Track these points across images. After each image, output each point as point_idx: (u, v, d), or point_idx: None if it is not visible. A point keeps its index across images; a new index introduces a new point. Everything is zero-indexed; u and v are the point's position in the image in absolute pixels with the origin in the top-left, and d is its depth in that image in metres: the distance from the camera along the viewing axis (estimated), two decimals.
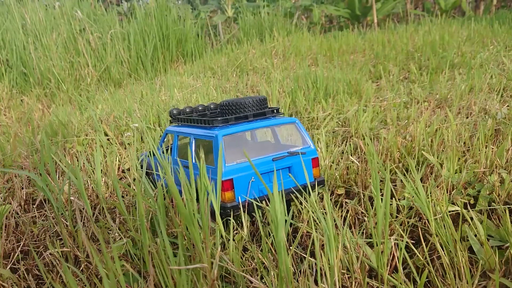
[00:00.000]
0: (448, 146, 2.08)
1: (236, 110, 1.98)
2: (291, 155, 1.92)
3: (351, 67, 5.44)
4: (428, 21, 6.52)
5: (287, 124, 2.03)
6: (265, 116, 2.02)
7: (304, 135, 2.02)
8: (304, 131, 2.02)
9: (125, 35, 8.38)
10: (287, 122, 2.02)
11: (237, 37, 8.62)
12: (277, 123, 1.99)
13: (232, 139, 2.01)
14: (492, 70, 3.74)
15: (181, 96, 4.56)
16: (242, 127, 1.91)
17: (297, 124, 2.03)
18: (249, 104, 2.01)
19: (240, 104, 2.00)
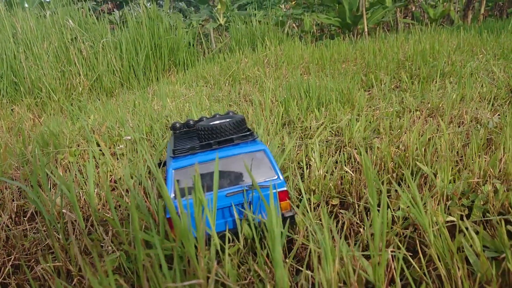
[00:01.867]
0: (441, 156, 2.09)
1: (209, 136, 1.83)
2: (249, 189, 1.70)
3: (343, 76, 5.48)
4: (418, 30, 6.61)
5: (254, 153, 1.78)
6: (232, 143, 1.83)
7: (272, 165, 1.78)
8: (272, 160, 1.79)
9: (117, 44, 8.37)
10: (254, 151, 1.78)
11: (229, 46, 8.64)
12: (241, 152, 1.77)
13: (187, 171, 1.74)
14: (483, 79, 3.79)
15: (174, 106, 4.54)
16: (196, 158, 1.72)
17: (265, 152, 1.80)
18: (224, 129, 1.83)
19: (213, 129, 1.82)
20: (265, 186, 1.71)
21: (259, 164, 1.78)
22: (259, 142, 1.85)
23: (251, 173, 1.66)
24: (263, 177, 1.76)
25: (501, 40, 5.47)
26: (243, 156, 1.77)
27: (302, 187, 2.53)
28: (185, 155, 1.78)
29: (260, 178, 1.75)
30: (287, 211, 1.77)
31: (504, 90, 3.35)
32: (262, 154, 1.79)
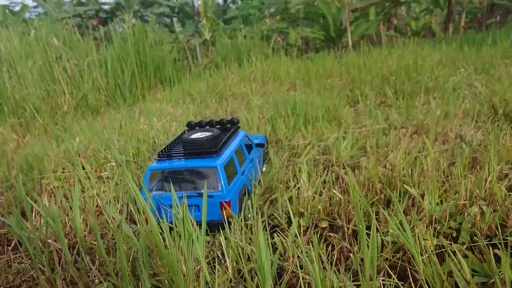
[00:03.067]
0: (428, 177, 2.11)
1: (188, 147, 2.33)
2: (200, 196, 2.21)
3: (329, 92, 5.53)
4: (401, 44, 6.73)
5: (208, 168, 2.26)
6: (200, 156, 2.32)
7: (219, 180, 2.23)
8: (220, 175, 2.23)
9: (102, 61, 8.32)
10: (209, 166, 2.25)
11: (215, 62, 8.67)
12: (200, 165, 2.26)
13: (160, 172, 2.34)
14: (466, 95, 3.86)
15: (161, 125, 4.52)
16: (169, 164, 2.30)
17: (217, 169, 2.24)
18: (200, 142, 2.32)
19: (192, 142, 2.32)
20: (210, 196, 2.19)
21: (211, 177, 2.25)
22: (218, 158, 2.30)
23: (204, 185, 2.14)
24: (211, 188, 2.23)
25: (481, 54, 5.59)
26: (202, 169, 2.26)
27: (291, 209, 2.52)
28: (164, 160, 2.36)
29: (209, 189, 2.22)
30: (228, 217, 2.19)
31: (487, 106, 3.41)
32: (214, 170, 2.24)
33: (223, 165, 2.29)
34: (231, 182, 2.33)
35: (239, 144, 2.64)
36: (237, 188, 2.38)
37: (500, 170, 2.20)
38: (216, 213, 2.22)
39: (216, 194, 2.21)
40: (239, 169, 2.50)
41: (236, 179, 2.41)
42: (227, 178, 2.29)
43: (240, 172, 2.51)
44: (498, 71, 4.72)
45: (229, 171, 2.35)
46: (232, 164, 2.44)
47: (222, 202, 2.18)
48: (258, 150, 3.01)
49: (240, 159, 2.60)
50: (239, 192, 2.38)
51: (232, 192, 2.29)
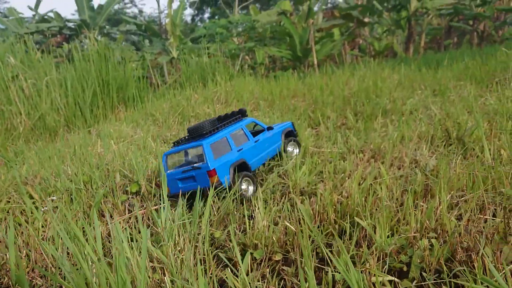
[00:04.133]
0: (381, 208, 2.08)
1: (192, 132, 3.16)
2: (194, 169, 2.96)
3: (291, 112, 5.54)
4: (362, 66, 6.86)
5: (197, 147, 3.04)
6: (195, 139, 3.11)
7: (206, 156, 2.91)
8: (207, 153, 2.91)
9: (62, 81, 8.04)
10: (197, 145, 3.00)
11: (179, 81, 8.57)
12: (193, 145, 3.04)
13: (172, 155, 3.27)
14: (422, 118, 3.92)
15: (117, 149, 4.35)
16: (176, 148, 3.17)
17: (203, 147, 2.94)
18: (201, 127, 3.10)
19: (194, 128, 3.14)
20: (198, 168, 2.93)
21: (199, 153, 3.15)
22: (207, 139, 3.00)
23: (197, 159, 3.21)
24: (201, 162, 3.02)
25: (438, 76, 5.76)
26: (194, 148, 3.12)
27: (245, 241, 2.43)
28: (175, 146, 3.24)
29: (200, 162, 3.06)
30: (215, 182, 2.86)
31: (441, 129, 3.47)
32: (201, 148, 2.96)
33: (210, 143, 2.97)
34: (221, 157, 3.00)
35: (239, 127, 3.29)
36: (229, 160, 3.01)
37: (451, 198, 2.20)
38: (205, 181, 2.90)
39: (203, 166, 2.90)
40: (234, 147, 3.14)
41: (228, 155, 3.05)
42: (217, 154, 2.99)
43: (236, 150, 3.14)
44: (454, 93, 4.86)
45: (219, 148, 3.04)
46: (224, 143, 3.10)
47: (208, 171, 2.85)
48: (274, 133, 3.54)
49: (240, 139, 3.25)
50: (230, 164, 3.00)
51: (219, 164, 2.93)
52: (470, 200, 2.11)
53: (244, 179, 3.01)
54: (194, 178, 2.96)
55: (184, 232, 2.52)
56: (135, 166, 3.40)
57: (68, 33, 18.12)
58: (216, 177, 2.84)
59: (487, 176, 2.35)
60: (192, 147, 3.06)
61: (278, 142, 3.53)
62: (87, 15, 17.17)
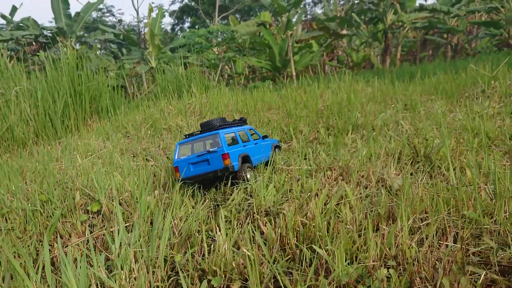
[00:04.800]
0: (342, 233, 2.01)
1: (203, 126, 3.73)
2: (209, 153, 3.39)
3: (265, 125, 5.47)
4: (337, 79, 6.86)
5: (213, 134, 3.51)
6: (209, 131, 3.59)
7: (220, 142, 3.39)
8: (222, 139, 3.39)
9: (33, 91, 7.80)
10: (214, 134, 3.50)
11: (154, 92, 8.42)
12: (209, 134, 3.54)
13: (185, 144, 3.70)
14: (392, 134, 3.90)
15: (81, 164, 4.18)
16: (190, 138, 3.66)
17: (219, 135, 3.43)
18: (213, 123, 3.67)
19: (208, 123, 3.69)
20: (214, 151, 3.36)
21: (216, 141, 3.52)
22: (221, 130, 3.51)
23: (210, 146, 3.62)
24: (216, 147, 3.45)
25: (410, 89, 5.80)
26: (211, 136, 3.55)
27: (204, 267, 2.33)
28: (188, 137, 3.72)
29: (214, 148, 3.44)
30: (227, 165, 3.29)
31: (409, 146, 3.45)
32: (218, 136, 3.46)
33: (224, 133, 3.46)
34: (232, 146, 3.46)
35: (243, 129, 3.82)
36: (237, 150, 3.46)
37: (414, 222, 2.15)
38: (220, 163, 3.31)
39: (218, 150, 3.34)
40: (240, 142, 3.62)
41: (236, 146, 3.51)
42: (228, 143, 3.46)
43: (242, 144, 3.60)
44: (424, 107, 4.88)
45: (230, 139, 3.55)
46: (234, 138, 3.61)
47: (223, 154, 3.28)
48: (268, 143, 4.03)
49: (244, 138, 3.77)
50: (238, 154, 3.44)
51: (231, 150, 3.37)
52: (432, 224, 2.06)
53: (248, 169, 3.47)
54: (208, 162, 3.38)
55: (141, 257, 2.40)
56: (96, 184, 3.26)
57: (44, 41, 17.76)
58: (229, 159, 3.28)
59: (450, 197, 2.31)
60: (206, 137, 3.55)
61: (270, 152, 3.98)
62: (64, 23, 16.86)
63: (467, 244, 1.95)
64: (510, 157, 3.16)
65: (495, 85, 5.13)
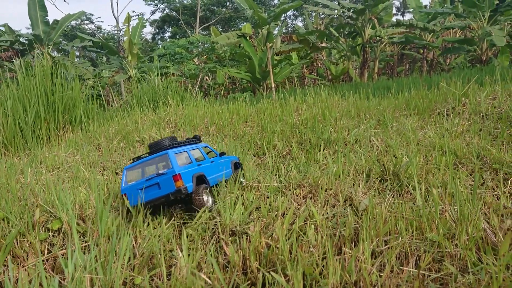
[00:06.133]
0: (301, 259, 1.96)
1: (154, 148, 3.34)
2: (158, 176, 3.07)
3: (240, 139, 5.42)
4: (313, 93, 6.89)
5: (162, 155, 3.18)
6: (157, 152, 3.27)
7: (171, 162, 3.06)
8: (172, 160, 3.07)
9: (3, 100, 7.57)
10: (161, 155, 3.18)
11: (130, 103, 8.29)
12: (157, 155, 3.21)
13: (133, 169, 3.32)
14: (363, 151, 3.90)
15: (45, 179, 4.03)
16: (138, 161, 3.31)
17: (168, 155, 3.12)
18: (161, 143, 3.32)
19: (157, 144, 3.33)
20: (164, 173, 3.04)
21: (166, 162, 3.16)
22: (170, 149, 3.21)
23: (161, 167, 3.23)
24: (166, 168, 3.12)
25: (384, 105, 5.84)
26: (159, 157, 3.20)
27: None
28: (136, 160, 3.37)
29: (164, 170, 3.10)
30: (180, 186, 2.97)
31: (378, 164, 3.45)
32: (165, 156, 3.16)
33: (175, 153, 3.18)
34: (184, 166, 3.16)
35: (196, 147, 3.54)
36: (191, 170, 3.16)
37: (377, 245, 2.12)
38: (171, 186, 2.99)
39: (168, 171, 3.04)
40: (194, 161, 3.33)
41: (189, 165, 3.21)
42: (181, 163, 3.17)
43: (195, 164, 3.31)
44: (397, 123, 4.92)
45: (182, 159, 3.26)
46: (186, 156, 3.33)
47: (173, 175, 2.98)
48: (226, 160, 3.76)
49: (198, 156, 3.49)
50: (192, 174, 3.15)
51: (183, 170, 3.07)
52: (393, 248, 2.03)
53: (204, 191, 3.13)
54: (158, 185, 3.06)
55: (97, 281, 2.30)
56: (57, 200, 3.14)
57: (20, 48, 17.38)
58: (181, 181, 2.97)
59: (414, 219, 2.30)
60: (155, 158, 3.22)
61: (229, 169, 3.70)
62: (41, 30, 16.55)
63: (428, 269, 1.93)
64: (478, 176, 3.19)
65: (466, 102, 5.22)
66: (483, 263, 1.96)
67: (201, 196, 3.03)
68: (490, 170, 3.26)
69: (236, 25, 28.14)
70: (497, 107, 4.94)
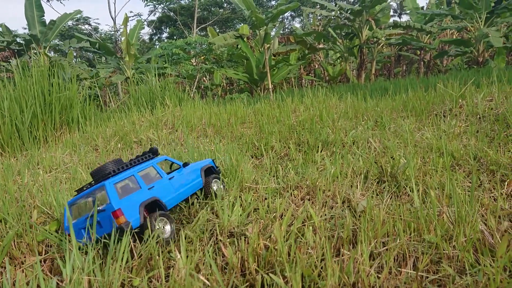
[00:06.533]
0: (300, 260, 1.96)
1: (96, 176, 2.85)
2: (98, 213, 2.63)
3: (238, 140, 5.43)
4: (311, 94, 6.90)
5: (100, 188, 2.72)
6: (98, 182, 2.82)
7: (109, 196, 2.62)
8: (110, 193, 2.63)
9: None
10: (99, 187, 2.72)
11: (127, 104, 8.28)
12: (95, 188, 2.75)
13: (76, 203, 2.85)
14: (361, 152, 3.91)
15: (43, 180, 4.02)
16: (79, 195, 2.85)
17: (105, 187, 2.66)
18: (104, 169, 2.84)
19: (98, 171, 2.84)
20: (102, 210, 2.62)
21: (104, 195, 2.68)
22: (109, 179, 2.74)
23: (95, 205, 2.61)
24: (105, 203, 2.66)
25: (381, 106, 5.86)
26: (97, 190, 2.73)
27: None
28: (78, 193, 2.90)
29: (102, 205, 2.66)
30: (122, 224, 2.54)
31: (376, 165, 3.46)
32: (104, 188, 2.69)
33: (114, 183, 2.72)
34: (128, 196, 2.73)
35: (147, 166, 3.03)
36: (137, 200, 2.74)
37: (375, 247, 2.13)
38: (111, 225, 2.57)
39: (107, 207, 2.61)
40: (143, 185, 2.87)
41: (137, 193, 2.78)
42: (123, 193, 2.73)
43: (146, 188, 2.86)
44: (395, 124, 4.93)
45: (126, 187, 2.81)
46: (132, 182, 2.86)
47: (112, 211, 2.55)
48: (191, 170, 3.32)
49: (151, 178, 2.99)
50: (140, 203, 2.73)
51: (126, 203, 2.65)
52: (391, 249, 2.04)
53: (159, 219, 2.71)
54: (99, 224, 2.64)
55: (95, 282, 2.29)
56: (54, 201, 3.13)
57: (17, 48, 17.32)
58: (123, 217, 2.55)
59: (412, 220, 2.31)
60: (95, 190, 2.74)
61: (197, 179, 3.29)
62: (38, 30, 16.50)
63: (426, 270, 1.94)
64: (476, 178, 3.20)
65: (463, 104, 5.24)
66: (480, 265, 1.97)
67: (152, 227, 2.63)
68: (487, 171, 3.28)
69: (233, 26, 28.15)
70: (494, 108, 4.96)
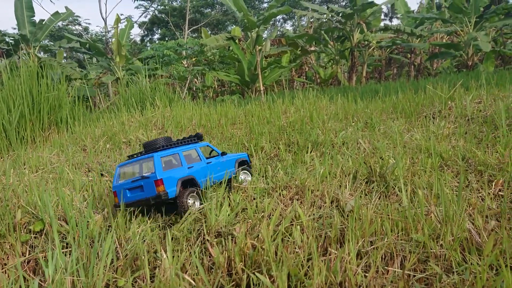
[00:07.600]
0: (286, 259, 1.94)
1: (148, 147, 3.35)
2: (142, 179, 3.11)
3: (228, 140, 5.39)
4: (301, 95, 6.90)
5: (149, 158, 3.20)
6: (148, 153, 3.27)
7: (155, 166, 3.08)
8: (156, 164, 3.09)
9: None
10: (149, 157, 3.20)
11: (117, 105, 8.20)
12: (145, 157, 3.24)
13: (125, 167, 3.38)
14: (350, 152, 3.91)
15: (28, 180, 3.95)
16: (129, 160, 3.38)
17: (153, 158, 3.13)
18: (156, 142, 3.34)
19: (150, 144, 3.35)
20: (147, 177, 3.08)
21: (150, 165, 3.22)
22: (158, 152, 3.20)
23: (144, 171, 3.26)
24: (150, 171, 3.16)
25: (371, 107, 5.88)
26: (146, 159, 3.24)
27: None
28: (129, 159, 3.40)
29: (148, 173, 3.16)
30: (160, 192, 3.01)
31: (365, 165, 3.45)
32: (151, 159, 3.16)
33: (161, 156, 3.17)
34: (170, 169, 3.18)
35: (191, 148, 3.49)
36: (177, 175, 3.16)
37: (363, 246, 2.11)
38: (152, 190, 3.03)
39: (151, 175, 3.06)
40: (184, 163, 3.30)
41: (177, 170, 3.22)
42: (167, 167, 3.21)
43: (186, 166, 3.29)
44: (384, 126, 4.95)
45: (170, 162, 3.32)
46: (176, 159, 3.33)
47: (155, 180, 3.01)
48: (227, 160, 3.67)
49: (192, 159, 3.42)
50: (178, 179, 3.15)
51: (167, 175, 3.09)
52: (379, 248, 2.03)
53: (191, 195, 3.14)
54: (142, 188, 3.10)
55: (79, 283, 2.25)
56: (39, 201, 3.07)
57: (6, 48, 17.12)
58: (163, 186, 3.01)
59: (400, 220, 2.30)
60: (145, 159, 3.23)
61: (231, 168, 3.65)
62: (27, 30, 16.31)
63: (413, 269, 1.93)
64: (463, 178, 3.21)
65: (452, 106, 5.27)
66: (467, 263, 1.97)
67: (185, 200, 3.05)
68: (475, 172, 3.29)
69: (225, 28, 28.15)
70: (482, 110, 5.00)
